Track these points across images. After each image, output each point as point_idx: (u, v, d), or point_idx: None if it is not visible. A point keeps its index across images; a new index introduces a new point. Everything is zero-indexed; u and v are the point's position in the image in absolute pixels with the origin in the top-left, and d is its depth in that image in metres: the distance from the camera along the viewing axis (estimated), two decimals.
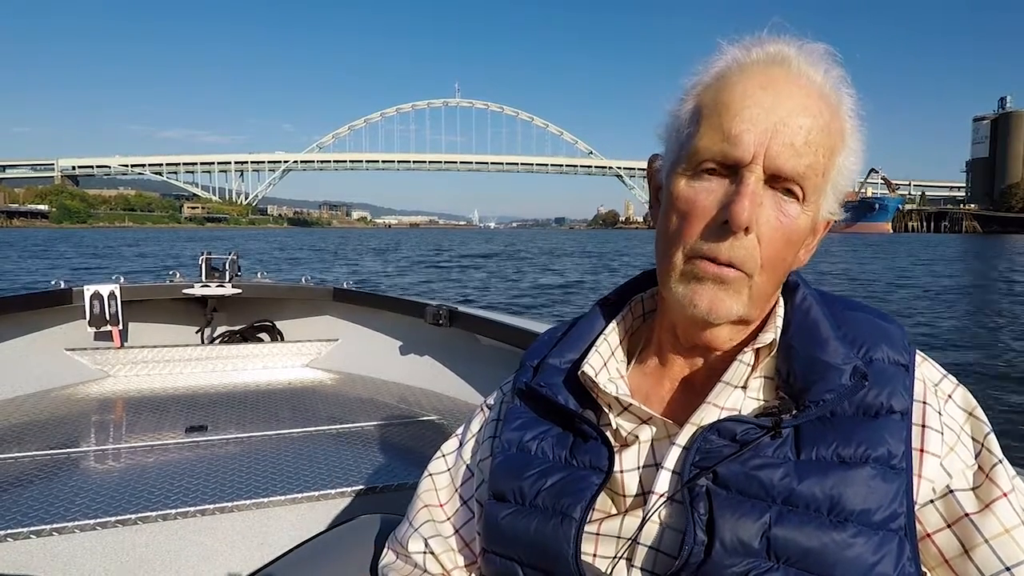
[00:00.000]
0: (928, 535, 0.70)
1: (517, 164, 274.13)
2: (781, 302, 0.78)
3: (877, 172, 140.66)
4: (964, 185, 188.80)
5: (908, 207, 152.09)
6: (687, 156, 0.72)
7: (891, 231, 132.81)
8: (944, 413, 0.72)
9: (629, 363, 0.85)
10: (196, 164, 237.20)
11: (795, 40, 0.71)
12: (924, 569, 0.70)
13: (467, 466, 0.91)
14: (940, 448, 0.70)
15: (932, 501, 0.70)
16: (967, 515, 0.69)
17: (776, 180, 0.69)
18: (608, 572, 0.72)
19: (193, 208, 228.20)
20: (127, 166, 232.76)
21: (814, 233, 0.76)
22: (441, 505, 0.92)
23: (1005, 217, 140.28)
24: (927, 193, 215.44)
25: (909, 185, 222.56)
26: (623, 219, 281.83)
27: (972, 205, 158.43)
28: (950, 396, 0.74)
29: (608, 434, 0.76)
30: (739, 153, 0.68)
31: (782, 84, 0.69)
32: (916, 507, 0.69)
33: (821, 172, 0.70)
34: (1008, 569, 0.67)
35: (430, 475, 0.94)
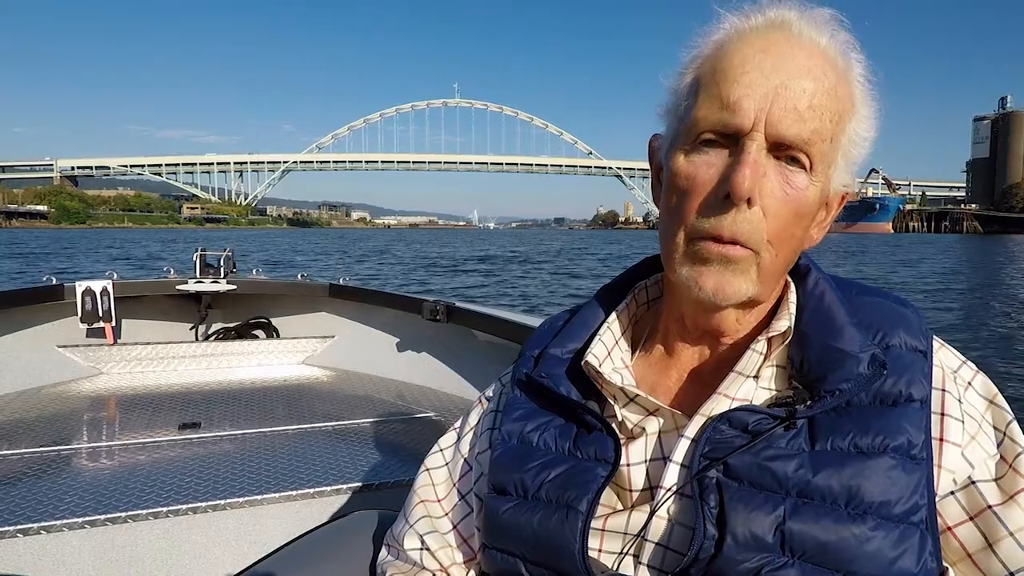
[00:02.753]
0: (949, 528, 0.67)
1: (517, 164, 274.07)
2: (793, 288, 0.75)
3: (877, 172, 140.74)
4: (964, 185, 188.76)
5: (909, 207, 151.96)
6: (686, 129, 0.69)
7: (892, 231, 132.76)
8: (964, 401, 0.69)
9: (634, 352, 0.82)
10: (195, 164, 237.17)
11: (797, 5, 0.68)
12: (945, 564, 0.67)
13: (465, 460, 0.89)
14: (961, 437, 0.67)
15: (953, 493, 0.67)
16: (990, 507, 0.66)
17: (780, 148, 0.65)
18: (614, 568, 0.69)
19: (192, 209, 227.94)
20: (126, 167, 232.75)
21: (827, 208, 0.73)
22: (438, 500, 0.90)
23: (1006, 217, 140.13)
24: (927, 193, 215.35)
25: (909, 185, 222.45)
26: (623, 219, 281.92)
27: (973, 205, 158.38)
28: (970, 383, 0.71)
29: (614, 425, 0.73)
30: (738, 120, 0.64)
31: (783, 47, 0.65)
32: (936, 499, 0.66)
33: (828, 138, 0.66)
34: None
35: (427, 470, 0.92)
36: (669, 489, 0.68)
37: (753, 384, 0.71)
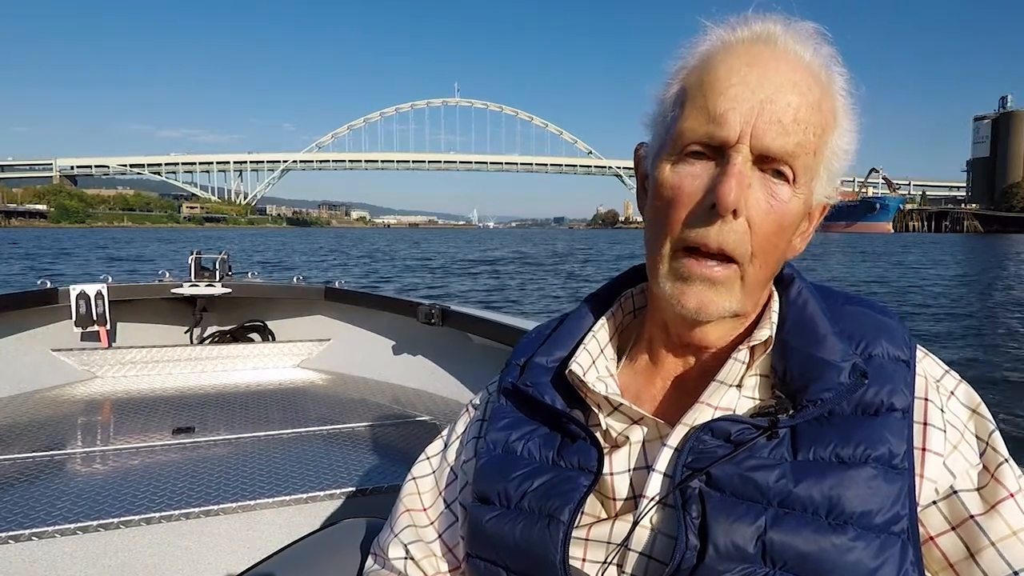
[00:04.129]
0: (931, 538, 0.68)
1: (516, 164, 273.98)
2: (776, 296, 0.76)
3: (878, 172, 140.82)
4: (965, 185, 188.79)
5: (909, 207, 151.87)
6: (672, 140, 0.69)
7: (892, 231, 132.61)
8: (947, 410, 0.69)
9: (619, 361, 0.83)
10: (195, 164, 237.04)
11: (782, 18, 0.69)
12: (927, 573, 0.68)
13: (451, 468, 0.88)
14: (943, 447, 0.67)
15: (935, 502, 0.67)
16: (972, 517, 0.66)
17: (764, 161, 0.66)
18: None
19: (192, 208, 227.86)
20: (125, 166, 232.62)
21: (809, 219, 0.74)
22: (424, 509, 0.89)
23: (1006, 217, 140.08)
24: (928, 193, 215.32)
25: (909, 185, 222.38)
26: (623, 219, 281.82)
27: (973, 205, 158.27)
28: (952, 392, 0.71)
29: (597, 435, 0.74)
30: (724, 133, 0.65)
31: (768, 61, 0.66)
32: (918, 509, 0.66)
33: (812, 151, 0.67)
34: (1016, 573, 0.64)
35: (413, 478, 0.92)
36: (652, 499, 0.68)
37: (736, 393, 0.71)
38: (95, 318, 2.90)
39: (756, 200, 0.66)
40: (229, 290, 3.19)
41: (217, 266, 3.29)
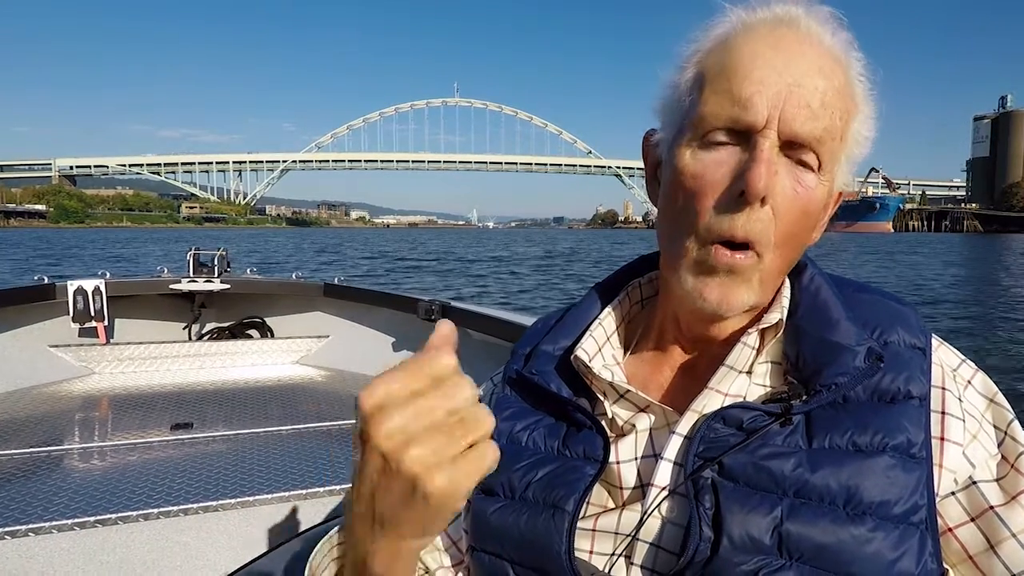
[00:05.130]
0: (950, 529, 0.66)
1: (516, 164, 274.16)
2: (787, 283, 0.74)
3: (877, 171, 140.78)
4: (964, 184, 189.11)
5: (909, 207, 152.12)
6: (692, 125, 0.66)
7: (892, 230, 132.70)
8: (964, 399, 0.68)
9: (626, 351, 0.81)
10: (194, 164, 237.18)
11: (803, 2, 0.67)
12: (946, 565, 0.66)
13: None
14: (962, 436, 0.66)
15: (954, 493, 0.66)
16: (992, 508, 0.65)
17: (791, 147, 0.64)
18: (605, 570, 0.67)
19: (191, 208, 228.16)
20: (125, 166, 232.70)
21: (825, 207, 0.72)
22: None
23: (1006, 216, 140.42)
24: (927, 192, 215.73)
25: (909, 184, 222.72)
26: (622, 219, 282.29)
27: (973, 204, 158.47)
28: (969, 382, 0.70)
29: (603, 423, 0.72)
30: (751, 117, 0.62)
31: (793, 44, 0.64)
32: (937, 499, 0.65)
33: (838, 137, 0.65)
34: None
35: None
36: (662, 488, 0.67)
37: (747, 380, 0.70)
38: (93, 314, 2.89)
39: (783, 187, 0.64)
40: (228, 286, 3.19)
41: (216, 262, 3.28)
